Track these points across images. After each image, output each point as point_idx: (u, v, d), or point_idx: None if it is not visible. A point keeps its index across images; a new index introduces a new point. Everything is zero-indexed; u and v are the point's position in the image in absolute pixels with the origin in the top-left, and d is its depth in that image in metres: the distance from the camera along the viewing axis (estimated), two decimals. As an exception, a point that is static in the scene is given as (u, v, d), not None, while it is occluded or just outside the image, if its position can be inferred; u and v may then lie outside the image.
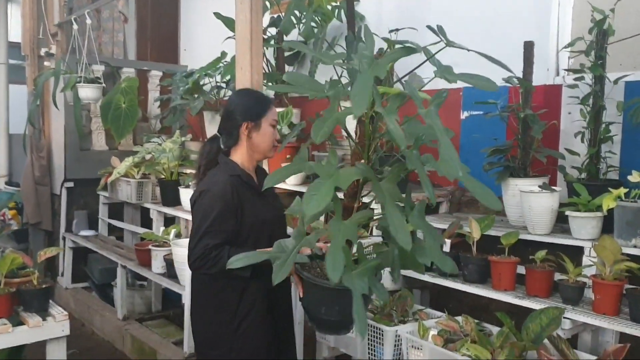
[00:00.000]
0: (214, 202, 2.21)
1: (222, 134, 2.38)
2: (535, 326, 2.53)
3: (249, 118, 2.33)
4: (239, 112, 2.33)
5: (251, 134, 2.32)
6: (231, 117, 2.33)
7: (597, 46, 3.03)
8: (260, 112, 2.35)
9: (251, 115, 2.33)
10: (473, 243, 3.07)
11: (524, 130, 3.23)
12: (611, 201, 2.64)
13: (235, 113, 2.33)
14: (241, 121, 2.32)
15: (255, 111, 2.34)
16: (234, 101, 2.39)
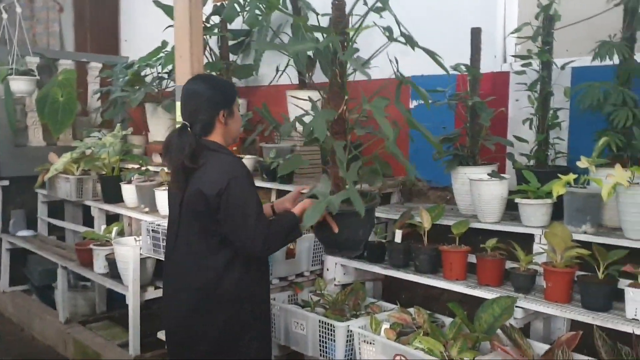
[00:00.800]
0: (247, 186, 2.23)
1: (195, 123, 2.28)
2: (488, 316, 2.50)
3: (224, 106, 2.31)
4: (215, 101, 2.29)
5: (227, 121, 2.31)
6: (207, 107, 2.28)
7: (543, 32, 3.00)
8: (232, 98, 2.36)
9: (226, 102, 2.32)
10: (424, 233, 3.02)
11: (472, 118, 3.19)
12: (560, 188, 2.62)
13: (211, 102, 2.29)
14: (218, 110, 2.29)
15: (229, 98, 2.34)
16: (205, 90, 2.30)
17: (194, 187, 2.23)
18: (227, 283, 2.27)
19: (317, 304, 3.04)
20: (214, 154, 2.27)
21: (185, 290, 2.33)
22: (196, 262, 2.29)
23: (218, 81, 2.42)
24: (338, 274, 3.33)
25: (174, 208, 2.38)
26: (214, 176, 2.21)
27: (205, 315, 2.29)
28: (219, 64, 4.31)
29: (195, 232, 2.29)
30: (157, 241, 3.68)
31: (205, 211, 2.22)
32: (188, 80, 2.43)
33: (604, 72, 2.91)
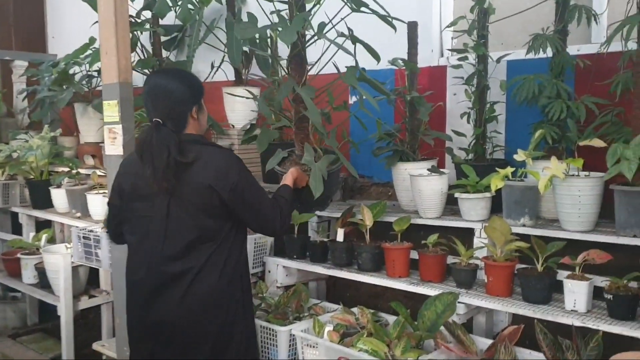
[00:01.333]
0: (250, 173, 2.28)
1: (168, 120, 2.19)
2: (431, 313, 2.47)
3: (196, 101, 2.28)
4: (188, 97, 2.24)
5: (198, 116, 2.29)
6: (180, 103, 2.22)
7: (478, 25, 3.00)
8: (201, 92, 2.33)
9: (197, 98, 2.29)
10: (366, 231, 2.97)
11: (411, 113, 3.16)
12: (499, 181, 2.62)
13: (184, 98, 2.23)
14: (191, 106, 2.25)
15: (198, 93, 2.31)
16: (177, 87, 2.23)
17: (198, 183, 2.13)
18: (226, 279, 2.22)
19: (259, 308, 2.94)
20: (202, 147, 2.21)
21: (193, 294, 2.17)
22: (200, 261, 2.17)
23: (187, 76, 2.35)
24: (280, 275, 3.25)
25: (155, 209, 2.18)
26: (221, 170, 2.15)
27: (212, 315, 2.21)
28: (151, 60, 4.13)
29: (193, 230, 2.15)
30: (88, 248, 3.50)
31: (219, 205, 2.16)
32: (154, 75, 2.35)
33: (538, 65, 2.93)
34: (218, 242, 2.18)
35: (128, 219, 2.28)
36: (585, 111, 2.70)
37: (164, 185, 2.11)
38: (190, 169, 2.13)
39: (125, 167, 2.34)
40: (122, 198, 2.28)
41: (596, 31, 3.02)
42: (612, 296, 2.24)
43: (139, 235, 2.23)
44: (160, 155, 2.10)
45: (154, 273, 2.19)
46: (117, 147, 2.88)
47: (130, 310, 2.32)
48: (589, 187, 2.50)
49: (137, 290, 2.26)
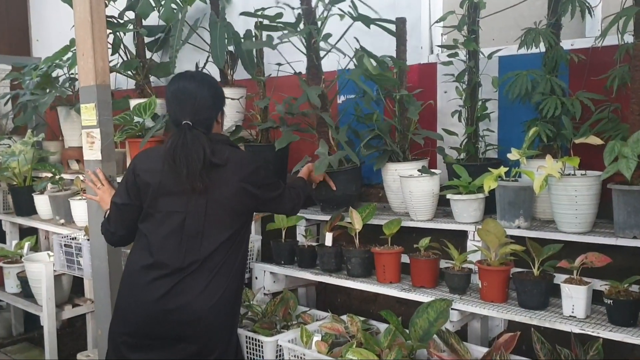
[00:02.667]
0: (266, 167, 2.40)
1: (198, 123, 2.22)
2: (423, 321, 2.37)
3: (221, 106, 2.37)
4: (215, 102, 2.31)
5: (222, 120, 2.39)
6: (209, 108, 2.28)
7: (469, 20, 2.89)
8: (224, 97, 2.40)
9: (222, 103, 2.37)
10: (355, 235, 2.87)
11: (401, 112, 3.06)
12: (492, 182, 2.51)
13: (214, 103, 2.30)
14: (218, 111, 2.34)
15: (224, 98, 2.39)
16: (207, 91, 2.27)
17: (234, 183, 2.21)
18: (240, 280, 2.32)
19: (245, 317, 2.84)
20: (230, 147, 2.29)
21: (215, 289, 2.19)
22: (229, 266, 2.23)
23: (213, 82, 2.39)
24: (267, 282, 3.14)
25: (190, 207, 2.17)
26: (251, 169, 2.26)
27: (234, 317, 2.33)
28: (134, 62, 4.02)
29: (229, 228, 2.21)
30: (70, 256, 3.39)
31: (249, 203, 2.28)
32: (180, 78, 2.31)
33: (531, 61, 2.83)
34: (237, 240, 2.24)
35: (150, 215, 2.22)
36: (580, 107, 2.60)
37: (198, 185, 2.13)
38: (223, 168, 2.18)
39: (147, 163, 2.27)
40: (144, 194, 2.22)
41: (590, 25, 2.91)
42: (612, 301, 2.14)
43: (166, 232, 2.18)
44: (197, 155, 2.13)
45: (179, 270, 2.16)
46: (95, 151, 2.77)
47: (138, 306, 2.19)
48: (586, 186, 2.40)
49: (151, 288, 2.16)
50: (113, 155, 2.80)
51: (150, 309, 2.13)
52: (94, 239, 2.86)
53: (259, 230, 3.35)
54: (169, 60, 3.51)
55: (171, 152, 2.15)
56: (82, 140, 2.82)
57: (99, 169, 2.74)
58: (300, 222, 3.23)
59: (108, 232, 2.37)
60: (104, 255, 2.79)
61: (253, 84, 3.62)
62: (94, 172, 2.74)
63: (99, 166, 2.75)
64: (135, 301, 2.16)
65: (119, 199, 2.30)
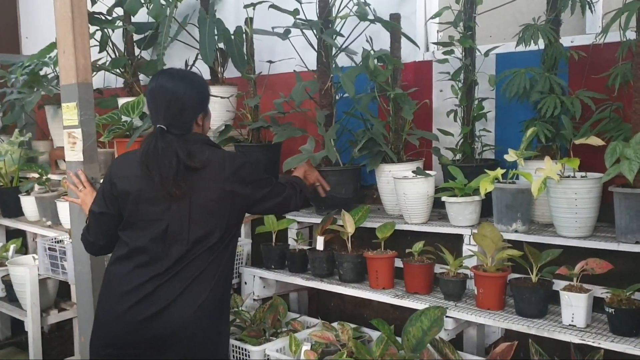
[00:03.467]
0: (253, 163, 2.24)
1: (172, 126, 2.07)
2: (416, 330, 2.26)
3: (203, 108, 2.17)
4: (195, 104, 2.12)
5: (203, 122, 2.18)
6: (187, 110, 2.10)
7: (465, 16, 2.80)
8: (208, 98, 2.21)
9: (204, 104, 2.17)
10: (348, 239, 2.77)
11: (395, 112, 2.96)
12: (488, 184, 2.41)
13: (192, 105, 2.11)
14: (198, 113, 2.13)
15: (206, 99, 2.19)
16: (185, 92, 2.09)
17: (217, 185, 2.05)
18: (226, 285, 2.17)
19: (233, 324, 2.74)
20: (209, 148, 2.11)
21: (206, 306, 2.06)
22: (212, 269, 2.08)
23: (195, 80, 2.19)
24: (257, 287, 3.04)
25: (172, 213, 2.04)
26: (235, 169, 2.08)
27: (220, 325, 2.16)
28: (122, 60, 3.92)
29: (216, 232, 2.06)
30: (54, 260, 3.29)
31: (241, 206, 2.14)
32: (159, 76, 2.16)
33: (530, 58, 2.73)
34: (224, 243, 2.10)
35: (131, 223, 2.09)
36: (580, 107, 2.50)
37: (175, 191, 2.00)
38: (204, 171, 2.04)
39: (124, 170, 2.13)
40: (123, 203, 2.09)
41: (591, 21, 2.82)
42: (613, 310, 2.04)
43: (148, 239, 2.05)
44: (169, 162, 1.99)
45: (159, 275, 2.03)
46: (76, 152, 2.67)
47: (118, 316, 2.06)
48: (586, 189, 2.31)
49: (130, 296, 2.04)
50: (95, 157, 2.69)
51: (130, 317, 2.02)
52: (76, 243, 2.75)
53: (248, 234, 3.25)
54: (156, 57, 3.40)
55: (143, 159, 2.03)
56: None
57: (80, 170, 2.64)
58: (292, 225, 3.13)
59: (87, 242, 2.26)
60: (87, 260, 2.68)
61: (244, 82, 3.52)
62: (76, 174, 2.64)
63: (80, 167, 2.64)
64: (115, 311, 2.05)
65: (97, 208, 2.19)
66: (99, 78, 4.46)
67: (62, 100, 2.69)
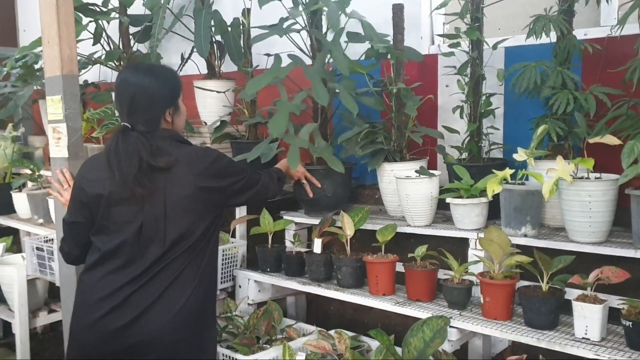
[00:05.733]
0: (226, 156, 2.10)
1: (137, 123, 1.96)
2: (418, 341, 2.13)
3: (171, 103, 2.03)
4: (161, 98, 2.00)
5: (173, 118, 2.05)
6: (152, 106, 1.99)
7: (472, 7, 2.64)
8: (178, 92, 2.08)
9: (173, 100, 2.04)
10: (347, 241, 2.63)
11: (398, 108, 2.81)
12: (495, 185, 2.26)
13: (157, 100, 1.99)
14: (165, 109, 2.01)
15: (175, 93, 2.06)
16: (150, 86, 1.98)
17: (188, 182, 1.92)
18: (209, 287, 2.03)
19: (225, 330, 2.60)
20: (178, 144, 2.00)
21: (184, 311, 1.92)
22: (192, 271, 1.96)
23: (162, 72, 2.06)
24: (252, 291, 2.90)
25: (145, 214, 1.91)
26: (204, 164, 1.96)
27: (203, 332, 2.01)
28: (117, 52, 3.78)
29: (190, 235, 1.93)
30: (42, 260, 3.17)
31: (217, 201, 2.01)
32: (124, 70, 2.09)
33: (540, 52, 2.58)
34: (203, 241, 1.97)
35: (103, 227, 1.96)
36: (595, 103, 2.34)
37: (139, 191, 1.87)
38: (174, 169, 1.91)
39: (93, 173, 2.00)
40: (95, 207, 1.96)
41: (606, 12, 2.65)
42: (631, 323, 1.89)
43: (120, 242, 1.92)
44: (130, 161, 1.87)
45: (133, 281, 1.90)
46: (61, 148, 2.54)
47: (92, 327, 1.93)
48: (601, 191, 2.15)
49: (103, 304, 1.91)
50: (81, 153, 2.56)
51: (103, 326, 1.88)
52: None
53: (244, 235, 3.11)
54: (149, 49, 3.27)
55: (106, 158, 1.92)
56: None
57: (65, 167, 2.50)
58: (289, 226, 2.99)
59: (63, 252, 2.13)
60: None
61: (242, 76, 3.38)
62: (61, 171, 2.51)
63: (65, 164, 2.51)
64: (87, 320, 1.91)
65: (68, 216, 2.06)
66: (95, 72, 4.34)
67: (47, 93, 2.56)
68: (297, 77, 2.72)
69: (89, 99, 4.21)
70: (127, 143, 1.89)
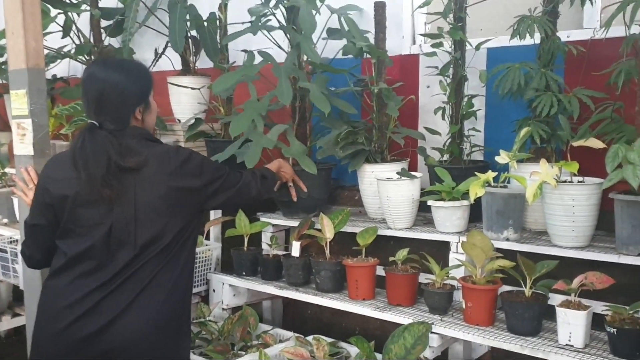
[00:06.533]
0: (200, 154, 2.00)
1: (105, 122, 1.85)
2: (399, 348, 2.07)
3: (141, 100, 1.92)
4: (133, 97, 1.90)
5: (143, 116, 1.94)
6: (121, 102, 1.88)
7: (455, 6, 2.60)
8: (149, 89, 1.97)
9: (144, 97, 1.94)
10: (326, 244, 2.56)
11: (379, 108, 2.75)
12: (478, 188, 2.22)
13: (126, 98, 1.88)
14: (135, 107, 1.90)
15: (146, 90, 1.95)
16: (119, 83, 1.87)
17: (164, 183, 1.82)
18: (184, 293, 1.93)
19: (198, 336, 2.51)
20: (149, 143, 1.90)
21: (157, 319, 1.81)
22: (166, 275, 1.85)
23: (132, 68, 1.95)
24: (226, 295, 2.81)
25: (115, 216, 1.80)
26: (176, 162, 1.85)
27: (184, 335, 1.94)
28: (87, 46, 3.65)
29: (164, 237, 1.83)
30: (5, 262, 3.03)
31: (194, 202, 1.91)
32: (92, 65, 1.96)
33: (523, 53, 2.55)
34: (178, 244, 1.86)
35: (70, 230, 1.84)
36: (579, 106, 2.31)
37: (106, 192, 1.76)
38: (145, 168, 1.81)
39: (59, 172, 1.88)
40: (60, 209, 1.85)
41: (589, 14, 2.63)
42: (615, 330, 1.85)
43: (89, 246, 1.81)
44: (97, 162, 1.76)
45: (102, 286, 1.79)
46: (26, 145, 2.41)
47: (57, 336, 1.81)
48: (585, 195, 2.12)
49: (70, 311, 1.79)
50: (48, 151, 2.43)
51: (71, 335, 1.77)
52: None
53: (218, 237, 3.01)
54: (122, 44, 3.15)
55: (71, 157, 1.81)
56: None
57: (30, 166, 2.38)
58: (266, 228, 2.90)
59: (24, 255, 2.00)
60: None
61: (218, 72, 3.28)
62: (26, 169, 2.38)
63: (30, 162, 2.38)
64: (53, 329, 1.80)
65: (30, 219, 1.94)
66: (64, 66, 4.21)
67: (11, 87, 2.43)
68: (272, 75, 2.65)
69: (58, 94, 4.07)
70: (95, 142, 1.79)
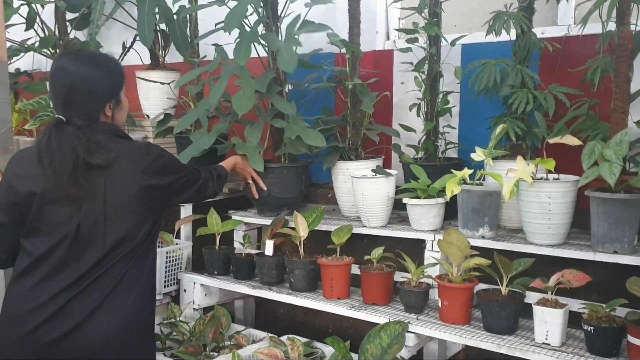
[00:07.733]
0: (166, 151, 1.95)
1: (73, 117, 1.77)
2: (375, 348, 2.04)
3: (112, 97, 1.85)
4: (103, 93, 1.82)
5: (114, 113, 1.87)
6: (90, 99, 1.80)
7: (430, 2, 2.57)
8: (120, 84, 1.89)
9: (115, 93, 1.87)
10: (300, 243, 2.52)
11: (353, 104, 2.71)
12: (455, 186, 2.20)
13: (95, 93, 1.80)
14: (104, 103, 1.83)
15: (117, 85, 1.87)
16: (89, 78, 1.78)
17: (134, 181, 1.77)
18: (150, 294, 1.87)
19: (169, 338, 2.44)
20: (119, 140, 1.82)
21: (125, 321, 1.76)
22: (134, 276, 1.79)
23: (103, 62, 1.86)
24: (197, 295, 2.74)
25: (83, 214, 1.73)
26: (147, 160, 1.80)
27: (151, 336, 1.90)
28: (52, 39, 3.53)
29: (133, 236, 1.77)
30: (-34, 263, 2.90)
31: (160, 200, 1.86)
32: (61, 58, 1.86)
33: (497, 50, 2.53)
34: (145, 243, 1.81)
35: (35, 228, 1.76)
36: (554, 103, 2.31)
37: (73, 191, 1.69)
38: (114, 166, 1.74)
39: (25, 168, 1.79)
40: (26, 207, 1.76)
41: (563, 11, 2.63)
42: (592, 328, 1.85)
43: (55, 244, 1.73)
44: (63, 158, 1.69)
45: (69, 287, 1.72)
46: (-12, 141, 2.31)
47: (21, 341, 1.73)
48: (560, 193, 2.12)
49: (35, 315, 1.71)
50: (11, 147, 2.35)
51: (37, 339, 1.69)
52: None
53: (189, 236, 2.94)
54: (89, 37, 3.05)
55: (36, 153, 1.73)
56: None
57: None
58: (238, 226, 2.84)
59: None
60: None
61: (188, 67, 3.21)
62: None
63: (-7, 159, 2.30)
64: (18, 334, 1.71)
65: None
66: (28, 59, 4.07)
67: (-29, 81, 2.33)
68: (252, 69, 2.59)
69: (22, 88, 3.95)
70: (61, 138, 1.71)
